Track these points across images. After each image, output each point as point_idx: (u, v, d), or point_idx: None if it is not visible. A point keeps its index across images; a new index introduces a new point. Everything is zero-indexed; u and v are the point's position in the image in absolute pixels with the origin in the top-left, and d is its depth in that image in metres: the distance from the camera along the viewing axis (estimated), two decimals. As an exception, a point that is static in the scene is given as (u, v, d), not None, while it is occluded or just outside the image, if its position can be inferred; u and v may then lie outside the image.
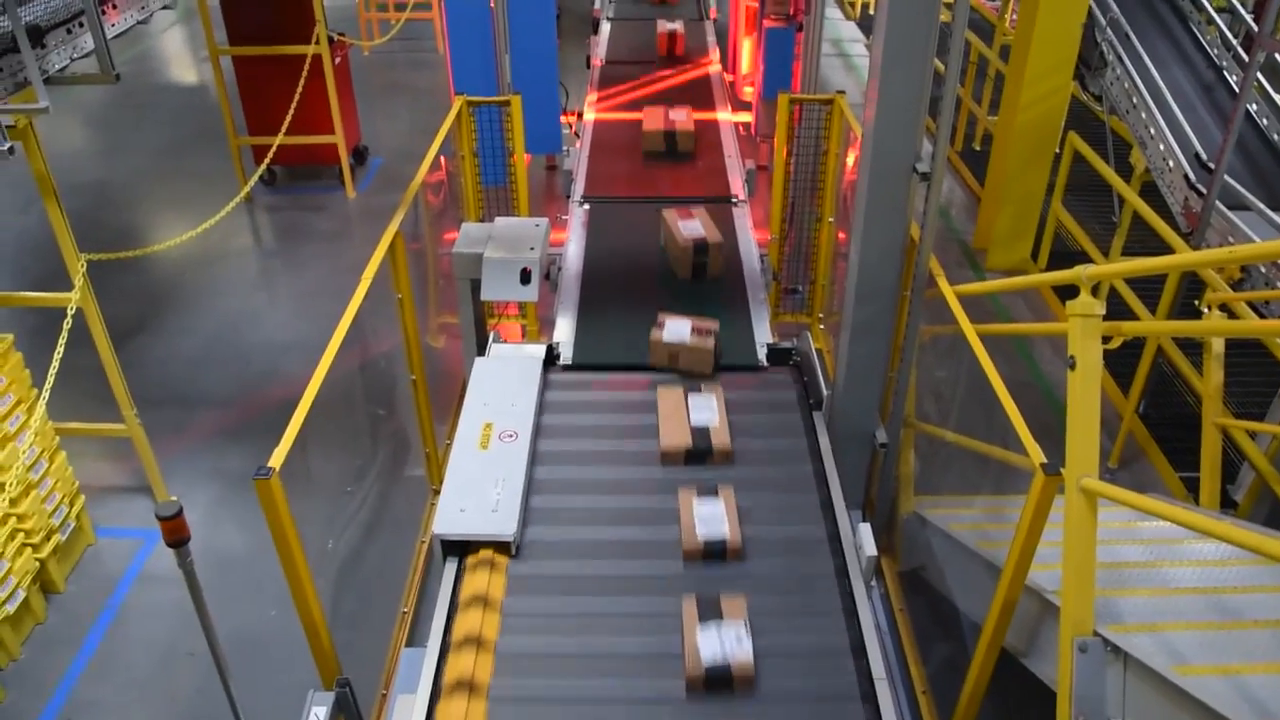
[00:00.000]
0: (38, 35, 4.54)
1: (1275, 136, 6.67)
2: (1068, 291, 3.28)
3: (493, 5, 6.08)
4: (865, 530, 3.58)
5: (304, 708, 3.19)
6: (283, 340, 7.04)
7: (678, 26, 8.80)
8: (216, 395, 6.48)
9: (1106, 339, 3.26)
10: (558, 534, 3.72)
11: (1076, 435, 2.94)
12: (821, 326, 6.15)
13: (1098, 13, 7.45)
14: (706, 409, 4.19)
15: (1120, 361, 6.47)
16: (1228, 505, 5.34)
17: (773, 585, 3.52)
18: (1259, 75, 6.36)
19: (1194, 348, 5.73)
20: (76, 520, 5.15)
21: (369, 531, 5.22)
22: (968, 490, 4.81)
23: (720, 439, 4.05)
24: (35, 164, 4.52)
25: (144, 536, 5.38)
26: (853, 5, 14.93)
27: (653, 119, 6.99)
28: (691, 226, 5.36)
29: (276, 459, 3.00)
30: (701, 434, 4.06)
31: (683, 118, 7.01)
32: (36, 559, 4.79)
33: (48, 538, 4.87)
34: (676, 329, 4.58)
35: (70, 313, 4.70)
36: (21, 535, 4.68)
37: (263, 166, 7.69)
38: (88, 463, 5.74)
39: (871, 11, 3.92)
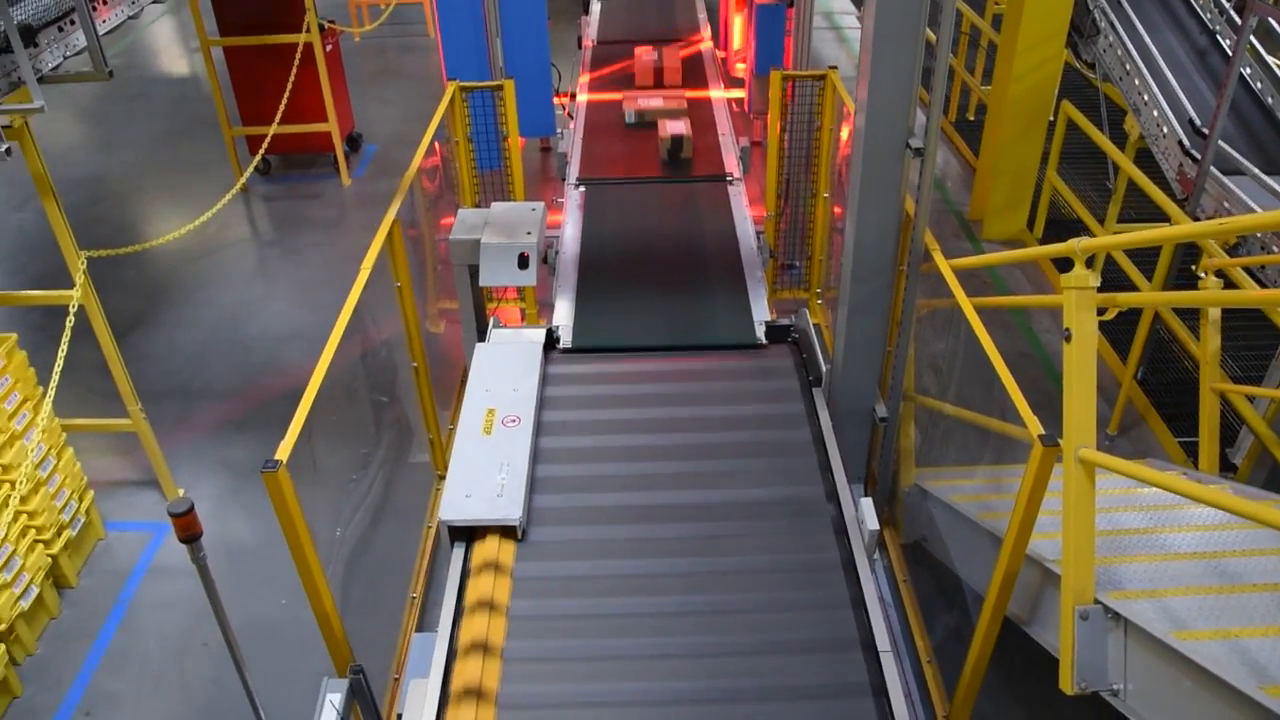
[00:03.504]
0: (30, 34, 4.54)
1: (1270, 100, 6.67)
2: (1065, 260, 3.30)
3: (483, -11, 6.06)
4: (867, 505, 3.63)
5: (319, 695, 3.24)
6: (283, 330, 7.06)
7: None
8: (219, 387, 6.51)
9: (1102, 310, 3.29)
10: (563, 514, 3.78)
11: (1073, 406, 2.97)
12: (820, 301, 6.17)
13: (1089, -21, 7.43)
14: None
15: (1118, 328, 6.49)
16: (1227, 469, 5.38)
17: (777, 561, 3.57)
18: (1252, 38, 6.36)
19: (1191, 313, 5.76)
20: (86, 515, 5.19)
21: (375, 518, 5.26)
22: (969, 461, 4.84)
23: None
24: (32, 163, 4.52)
25: (153, 529, 5.43)
26: (844, -24, 14.82)
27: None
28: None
29: (283, 452, 3.03)
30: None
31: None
32: (48, 555, 4.84)
33: (58, 533, 4.92)
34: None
35: (73, 310, 4.72)
36: (33, 532, 4.72)
37: (258, 157, 7.70)
38: (94, 458, 5.78)
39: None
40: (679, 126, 6.84)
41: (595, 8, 10.05)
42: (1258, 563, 3.30)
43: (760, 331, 4.79)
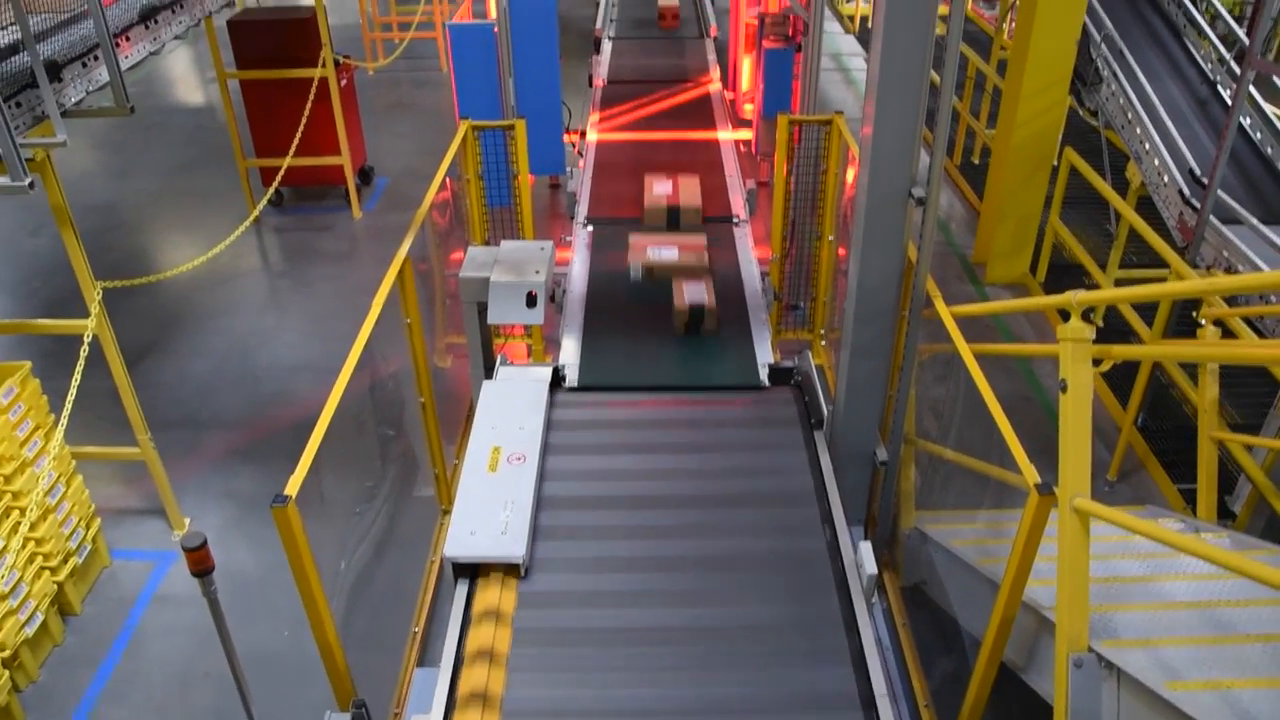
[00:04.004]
0: (55, 70, 4.65)
1: (1269, 150, 6.75)
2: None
3: (496, 31, 6.19)
4: (866, 548, 3.67)
5: (321, 728, 3.27)
6: (292, 361, 7.14)
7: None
8: (227, 416, 6.58)
9: (1099, 360, 3.35)
10: (566, 553, 3.82)
11: (1069, 456, 3.02)
12: (823, 343, 6.24)
13: (1092, 29, 7.55)
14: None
15: (1119, 373, 6.54)
16: (1226, 517, 5.41)
17: (774, 599, 3.61)
18: (1252, 89, 6.45)
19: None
20: (92, 543, 5.24)
21: (379, 552, 5.30)
22: (969, 505, 4.88)
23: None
24: (52, 195, 4.61)
25: (158, 558, 5.47)
26: (851, 19, 15.05)
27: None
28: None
29: (293, 486, 3.08)
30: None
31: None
32: (54, 582, 4.88)
33: (65, 561, 4.96)
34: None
35: (86, 340, 4.80)
36: (40, 559, 4.77)
37: (271, 189, 7.81)
38: (102, 485, 5.84)
39: (870, 25, 4.05)
40: (699, 292, 5.31)
41: (606, 47, 10.20)
42: (1252, 613, 3.33)
43: (764, 374, 4.86)
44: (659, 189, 6.55)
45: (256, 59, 8.53)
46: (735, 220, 6.40)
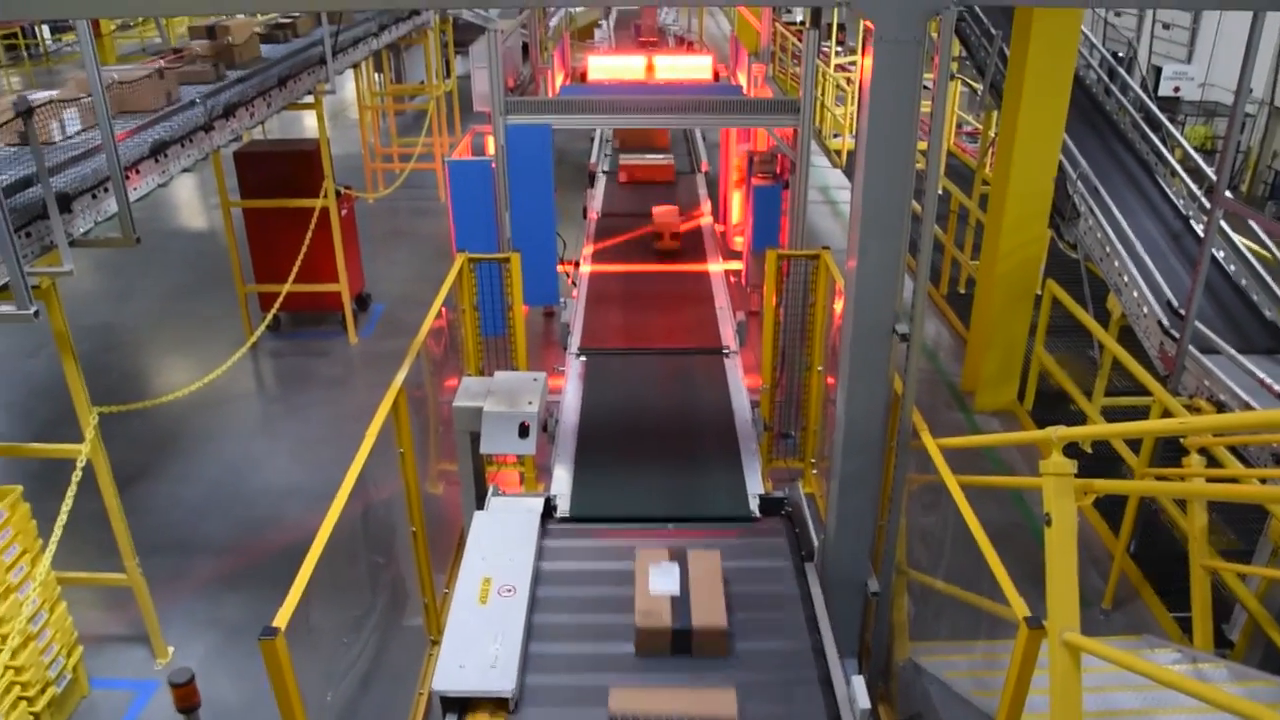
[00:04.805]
0: (65, 202, 4.81)
1: (1243, 282, 6.95)
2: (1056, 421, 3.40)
3: (494, 166, 6.41)
4: (859, 682, 3.63)
5: None
6: (284, 486, 7.13)
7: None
8: (217, 542, 6.53)
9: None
10: (557, 683, 3.77)
11: (1056, 590, 3.03)
12: (814, 471, 6.27)
13: (1068, 166, 7.85)
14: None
15: (1110, 499, 6.55)
16: (1224, 645, 5.35)
17: None
18: (1223, 223, 6.68)
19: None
20: (73, 672, 5.14)
21: (366, 682, 5.20)
22: (964, 634, 4.83)
23: None
24: (56, 322, 4.70)
25: (138, 688, 5.35)
26: (839, 154, 15.58)
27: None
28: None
29: (282, 619, 3.06)
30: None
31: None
32: (31, 713, 4.77)
33: (43, 690, 4.86)
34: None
35: (80, 465, 4.82)
36: (18, 689, 4.68)
37: (269, 316, 7.93)
38: (86, 610, 5.75)
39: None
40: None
41: (600, 181, 10.53)
42: (1251, 750, 3.29)
43: (754, 504, 4.87)
44: (659, 582, 4.01)
45: (260, 188, 8.79)
46: (726, 351, 6.52)
